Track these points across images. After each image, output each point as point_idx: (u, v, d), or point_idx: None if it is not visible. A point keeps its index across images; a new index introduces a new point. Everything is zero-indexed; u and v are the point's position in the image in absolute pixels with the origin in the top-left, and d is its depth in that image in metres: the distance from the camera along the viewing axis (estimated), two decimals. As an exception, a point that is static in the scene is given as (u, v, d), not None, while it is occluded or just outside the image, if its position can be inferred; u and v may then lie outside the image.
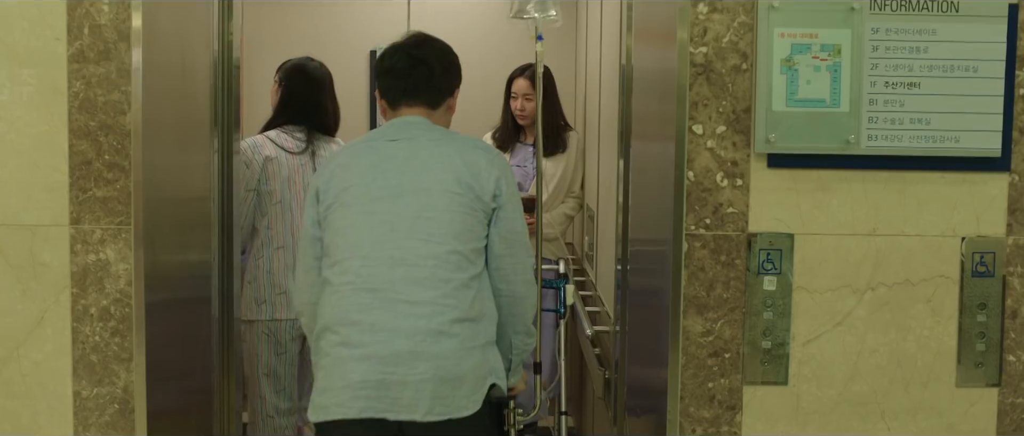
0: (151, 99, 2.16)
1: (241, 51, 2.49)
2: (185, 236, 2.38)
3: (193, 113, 2.40)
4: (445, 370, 2.15)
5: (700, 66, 2.11)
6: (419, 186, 2.26)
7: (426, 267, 2.20)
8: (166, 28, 2.24)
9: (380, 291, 2.18)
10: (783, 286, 2.15)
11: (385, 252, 2.21)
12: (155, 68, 2.18)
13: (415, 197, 2.25)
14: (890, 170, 2.14)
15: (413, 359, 2.14)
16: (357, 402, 2.14)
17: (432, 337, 2.15)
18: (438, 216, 2.23)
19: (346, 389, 2.14)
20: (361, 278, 2.20)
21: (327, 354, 2.21)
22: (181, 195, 2.37)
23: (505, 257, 2.33)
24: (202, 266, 2.42)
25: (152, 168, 2.17)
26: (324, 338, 2.23)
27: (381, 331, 2.16)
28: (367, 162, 2.32)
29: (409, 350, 2.14)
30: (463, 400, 2.17)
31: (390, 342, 2.15)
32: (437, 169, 2.28)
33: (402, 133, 2.36)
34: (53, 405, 2.24)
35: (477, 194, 2.28)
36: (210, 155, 2.41)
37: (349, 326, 2.18)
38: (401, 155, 2.31)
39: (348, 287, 2.20)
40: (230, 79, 2.46)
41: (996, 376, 2.19)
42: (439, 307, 2.17)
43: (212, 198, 2.42)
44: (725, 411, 2.18)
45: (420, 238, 2.21)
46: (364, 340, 2.16)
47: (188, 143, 2.39)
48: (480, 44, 4.81)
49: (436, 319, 2.16)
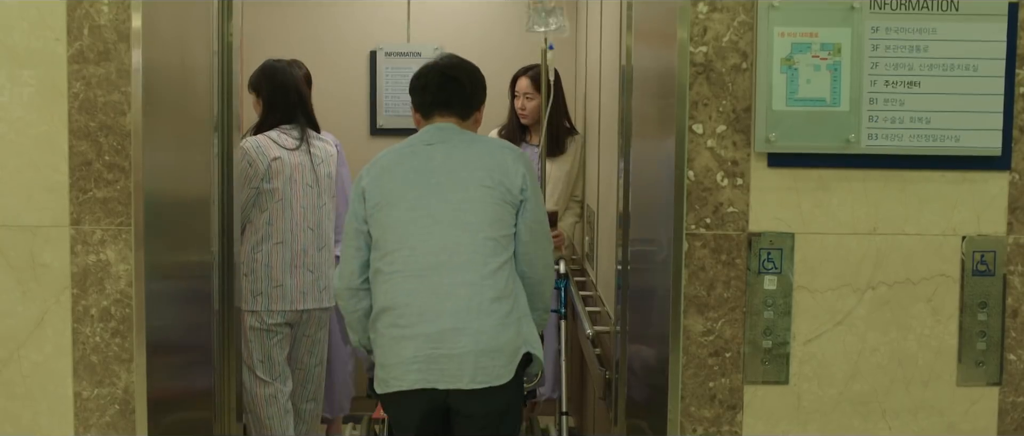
0: (151, 100, 2.16)
1: (241, 51, 2.50)
2: (185, 236, 2.38)
3: (193, 114, 2.40)
4: (484, 343, 2.50)
5: (700, 65, 2.11)
6: (456, 182, 2.60)
7: (465, 253, 2.54)
8: (166, 29, 2.23)
9: (426, 277, 2.52)
10: (784, 285, 2.15)
11: (430, 243, 2.54)
12: (155, 68, 2.18)
13: (453, 192, 2.59)
14: (890, 169, 2.14)
15: (457, 335, 2.49)
16: (410, 375, 2.50)
17: (473, 315, 2.50)
18: (474, 208, 2.58)
19: (401, 364, 2.51)
20: (409, 267, 2.54)
21: (383, 334, 2.57)
22: (181, 196, 2.37)
23: (530, 244, 2.67)
24: (202, 267, 2.42)
25: (152, 169, 2.17)
26: (380, 320, 2.58)
27: (428, 312, 2.50)
28: (409, 164, 2.66)
29: (453, 327, 2.49)
30: (501, 369, 2.52)
31: (436, 321, 2.50)
32: (471, 167, 2.62)
33: (437, 137, 2.71)
34: (54, 406, 2.24)
35: (507, 188, 2.62)
36: (210, 155, 2.41)
37: (401, 309, 2.53)
38: (438, 156, 2.66)
39: (398, 275, 2.54)
40: (230, 79, 2.46)
41: (997, 375, 2.19)
42: (478, 288, 2.52)
43: (212, 198, 2.42)
44: (726, 411, 2.18)
45: (460, 228, 2.55)
46: (413, 321, 2.51)
47: (188, 143, 2.39)
48: (480, 44, 4.80)
49: (475, 299, 2.51)
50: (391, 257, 2.57)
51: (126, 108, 2.18)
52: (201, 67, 2.39)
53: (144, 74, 2.14)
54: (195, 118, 2.40)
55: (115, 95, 2.18)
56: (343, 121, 4.86)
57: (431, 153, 2.66)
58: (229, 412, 2.54)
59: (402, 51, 5.03)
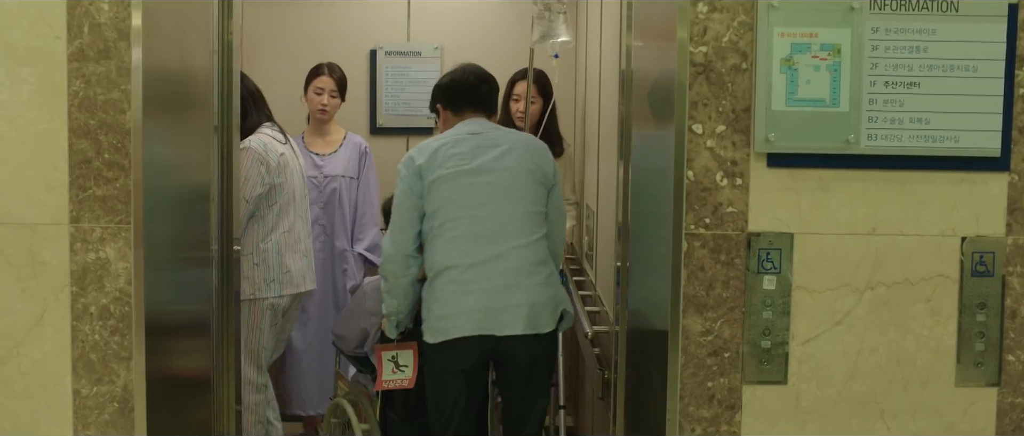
0: (151, 98, 2.16)
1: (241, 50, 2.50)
2: (185, 235, 2.38)
3: (193, 112, 2.40)
4: (534, 297, 2.96)
5: (700, 65, 2.12)
6: (505, 165, 3.03)
7: (515, 223, 2.99)
8: (166, 27, 2.24)
9: (483, 241, 2.95)
10: (783, 285, 2.15)
11: (486, 211, 2.97)
12: (155, 67, 2.18)
13: (503, 173, 3.02)
14: (890, 170, 2.14)
15: (510, 290, 2.94)
16: (471, 323, 2.93)
17: (523, 274, 2.96)
18: (519, 186, 3.03)
19: (462, 314, 2.93)
20: (469, 232, 2.95)
21: (442, 290, 2.96)
22: (181, 194, 2.37)
23: (555, 222, 3.17)
24: (202, 264, 2.42)
25: (152, 167, 2.17)
26: (439, 278, 2.97)
27: (485, 270, 2.93)
28: (460, 148, 3.04)
29: (506, 284, 2.94)
30: (545, 320, 3.00)
31: (492, 279, 2.93)
32: (515, 153, 3.07)
33: (479, 128, 3.14)
34: (53, 404, 2.24)
35: (543, 172, 3.10)
36: (210, 154, 2.41)
37: (462, 268, 2.94)
38: (485, 143, 3.07)
39: (461, 239, 2.95)
40: (230, 78, 2.46)
41: (995, 376, 2.19)
42: (525, 251, 2.98)
43: (212, 197, 2.43)
44: (724, 410, 2.18)
45: (509, 202, 3.00)
46: (473, 278, 2.94)
47: (188, 142, 2.39)
48: (478, 44, 4.81)
49: (524, 261, 2.97)
50: (451, 224, 2.96)
51: (126, 106, 2.18)
52: (201, 66, 2.39)
53: (144, 72, 2.14)
54: (195, 116, 2.40)
55: (115, 93, 2.19)
56: (343, 120, 4.86)
57: (478, 140, 3.06)
58: (228, 410, 2.54)
59: (402, 50, 5.03)
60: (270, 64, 4.88)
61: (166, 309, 2.27)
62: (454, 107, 3.22)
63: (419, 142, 3.25)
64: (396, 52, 5.03)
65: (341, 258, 4.50)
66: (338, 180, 4.46)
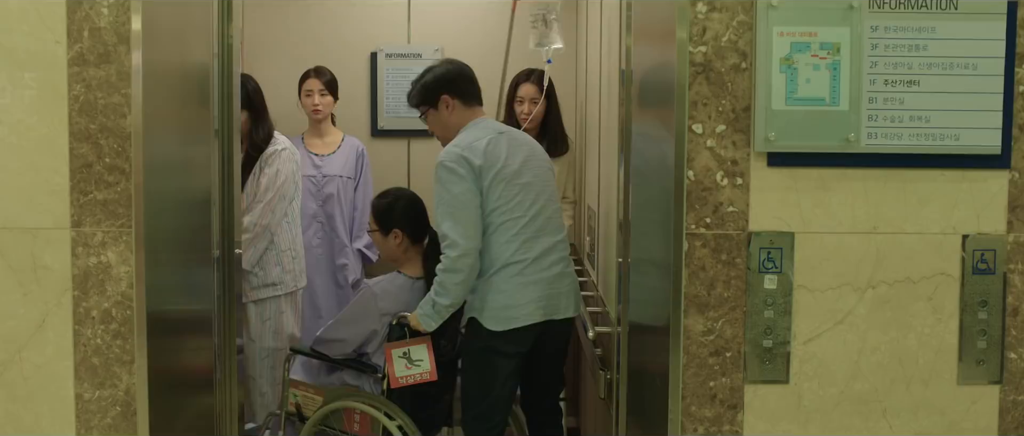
0: (151, 101, 2.16)
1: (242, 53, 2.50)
2: (186, 238, 2.39)
3: (193, 115, 2.40)
4: (573, 284, 3.32)
5: (699, 65, 2.12)
6: (535, 165, 3.26)
7: (555, 218, 3.29)
8: (166, 30, 2.24)
9: (538, 236, 3.19)
10: (784, 285, 2.15)
11: (535, 209, 3.20)
12: (155, 70, 2.18)
13: (537, 172, 3.26)
14: (890, 168, 2.14)
15: (561, 278, 3.24)
16: (538, 311, 3.18)
17: (565, 263, 3.28)
18: (550, 184, 3.31)
19: (530, 304, 3.17)
20: (525, 228, 3.17)
21: (508, 282, 3.17)
22: (182, 197, 2.37)
23: None
24: (203, 268, 2.43)
25: (153, 170, 2.17)
26: (503, 272, 3.17)
27: (543, 262, 3.19)
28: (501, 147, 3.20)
29: (558, 272, 3.23)
30: (578, 303, 3.34)
31: (549, 269, 3.20)
32: (537, 153, 3.33)
33: (500, 127, 3.33)
34: (55, 408, 2.25)
35: (553, 171, 3.38)
36: (211, 157, 2.41)
37: (524, 262, 3.17)
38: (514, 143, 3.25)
39: (518, 235, 3.17)
40: (230, 81, 2.46)
41: (998, 373, 2.19)
42: (562, 243, 3.30)
43: (213, 200, 2.43)
44: (726, 410, 2.18)
45: (546, 198, 3.25)
46: (534, 270, 3.18)
47: (188, 145, 2.39)
48: (478, 46, 4.80)
49: (563, 252, 3.29)
50: (510, 222, 3.17)
51: (126, 110, 2.19)
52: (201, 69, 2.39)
53: (144, 76, 2.14)
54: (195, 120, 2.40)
55: (115, 97, 2.19)
56: (344, 122, 4.87)
57: (506, 139, 3.24)
58: (231, 413, 2.55)
59: (403, 53, 5.03)
60: (270, 67, 4.88)
61: (168, 312, 2.28)
62: (464, 97, 3.32)
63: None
64: (397, 54, 5.03)
65: (341, 253, 4.70)
66: (335, 180, 4.65)
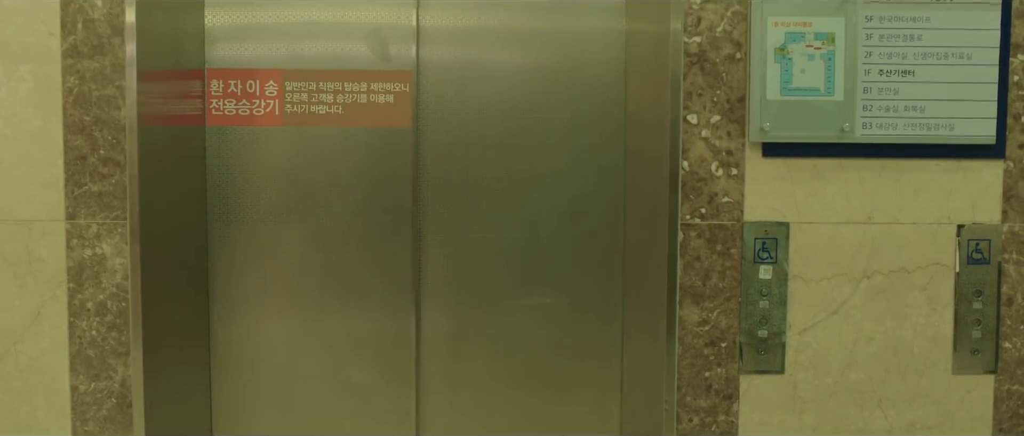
0: (145, 93, 2.16)
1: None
2: (181, 230, 2.38)
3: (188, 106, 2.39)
4: None
5: (694, 56, 2.11)
6: None
7: None
8: (160, 22, 2.23)
9: None
10: (779, 275, 2.15)
11: None
12: (149, 63, 2.17)
13: None
14: (885, 158, 2.14)
15: None
16: None
17: None
18: None
19: None
20: None
21: None
22: (176, 189, 2.37)
23: None
24: (199, 259, 2.42)
25: (147, 162, 2.17)
26: None
27: None
28: None
29: None
30: None
31: None
32: None
33: None
34: (51, 400, 2.25)
35: None
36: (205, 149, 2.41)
37: None
38: None
39: None
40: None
41: (992, 363, 2.19)
42: None
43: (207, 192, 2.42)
44: (722, 400, 2.18)
45: None
46: None
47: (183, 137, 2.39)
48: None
49: None
50: None
51: (120, 102, 2.18)
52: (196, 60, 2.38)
53: (138, 68, 2.14)
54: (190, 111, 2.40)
55: (109, 89, 2.18)
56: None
57: None
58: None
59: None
60: (267, 60, 4.87)
61: (163, 305, 2.27)
62: None
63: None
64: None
65: None
66: None
